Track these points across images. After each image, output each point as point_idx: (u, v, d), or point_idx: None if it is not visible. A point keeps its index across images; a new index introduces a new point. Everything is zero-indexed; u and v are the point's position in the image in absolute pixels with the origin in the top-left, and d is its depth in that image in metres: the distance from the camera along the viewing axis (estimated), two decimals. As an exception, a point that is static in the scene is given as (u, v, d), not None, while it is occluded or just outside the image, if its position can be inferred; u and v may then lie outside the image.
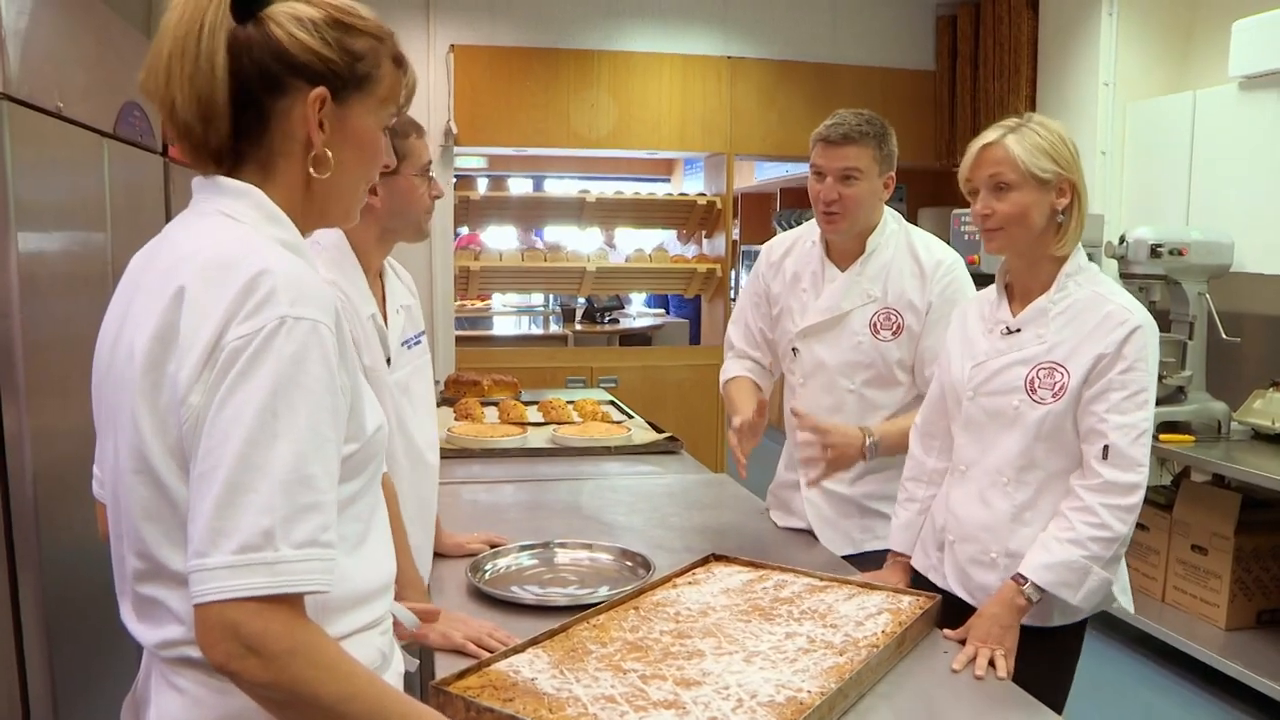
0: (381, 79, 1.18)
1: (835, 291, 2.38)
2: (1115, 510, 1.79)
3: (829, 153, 2.30)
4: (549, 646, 1.64)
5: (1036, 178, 1.86)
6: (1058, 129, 1.90)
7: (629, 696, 1.46)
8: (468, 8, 5.67)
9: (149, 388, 1.04)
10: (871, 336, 2.36)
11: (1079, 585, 1.79)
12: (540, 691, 1.47)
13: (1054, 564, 1.79)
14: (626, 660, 1.59)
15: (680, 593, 1.90)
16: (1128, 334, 1.82)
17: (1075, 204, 1.89)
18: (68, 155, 2.63)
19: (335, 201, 1.20)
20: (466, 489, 2.77)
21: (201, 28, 1.07)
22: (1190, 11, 4.87)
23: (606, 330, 7.13)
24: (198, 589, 0.97)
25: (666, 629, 1.72)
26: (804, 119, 5.96)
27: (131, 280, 1.16)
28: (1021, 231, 1.89)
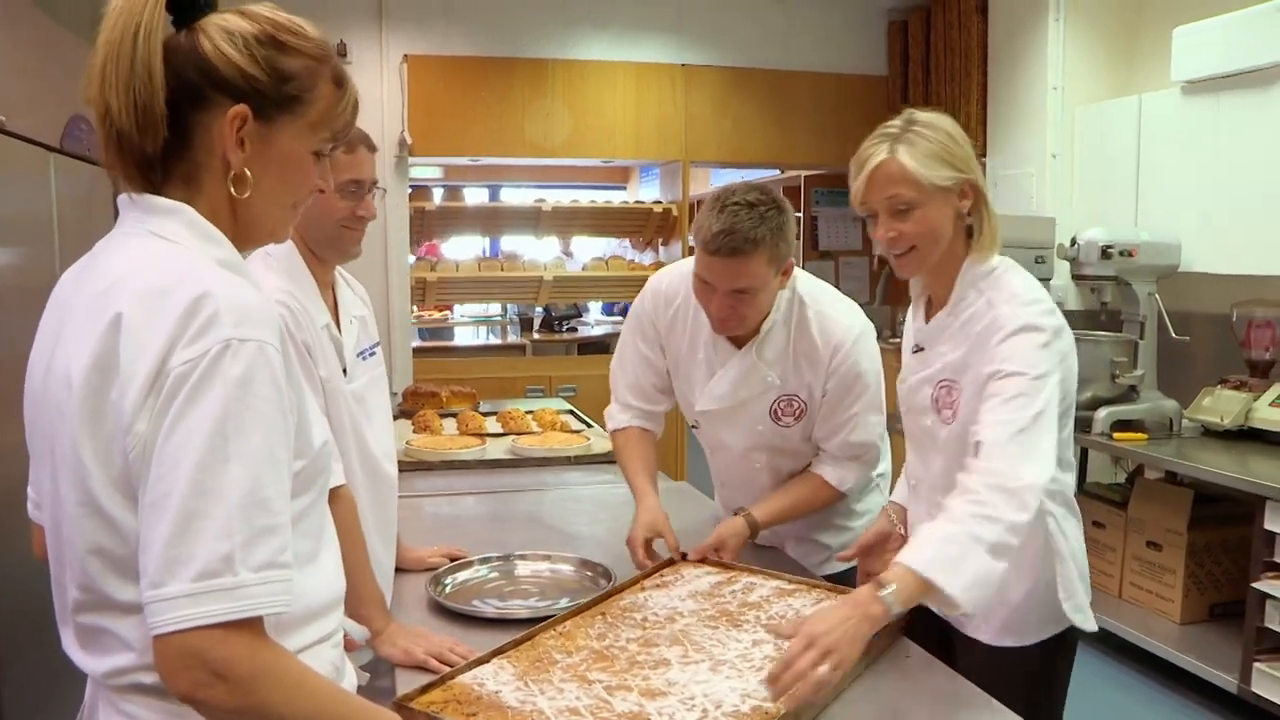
0: (314, 101, 1.14)
1: (731, 378, 2.17)
2: (999, 491, 1.55)
3: (717, 268, 1.98)
4: (514, 657, 1.62)
5: (938, 188, 1.72)
6: (946, 126, 1.75)
7: (593, 709, 1.45)
8: (421, 17, 5.65)
9: (89, 417, 1.02)
10: (772, 423, 2.19)
11: (957, 566, 1.50)
12: (504, 705, 1.46)
13: (926, 542, 1.55)
14: (592, 670, 1.58)
15: (648, 596, 1.89)
16: (1002, 339, 1.68)
17: (980, 204, 1.77)
18: (12, 169, 2.59)
19: (258, 221, 1.16)
20: (427, 502, 2.75)
21: (137, 32, 1.04)
22: (1134, 16, 4.95)
23: (565, 339, 7.13)
24: (157, 619, 0.95)
25: (633, 636, 1.71)
26: (759, 125, 6.01)
27: (60, 303, 1.13)
28: (933, 248, 1.76)
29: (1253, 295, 3.97)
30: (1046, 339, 1.67)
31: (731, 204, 1.96)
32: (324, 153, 1.19)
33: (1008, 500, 1.54)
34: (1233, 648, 3.47)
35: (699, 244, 2.00)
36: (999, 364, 1.66)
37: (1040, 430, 1.61)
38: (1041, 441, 1.61)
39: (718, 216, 1.95)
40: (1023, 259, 4.48)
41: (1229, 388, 3.89)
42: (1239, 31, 3.80)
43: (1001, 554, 1.53)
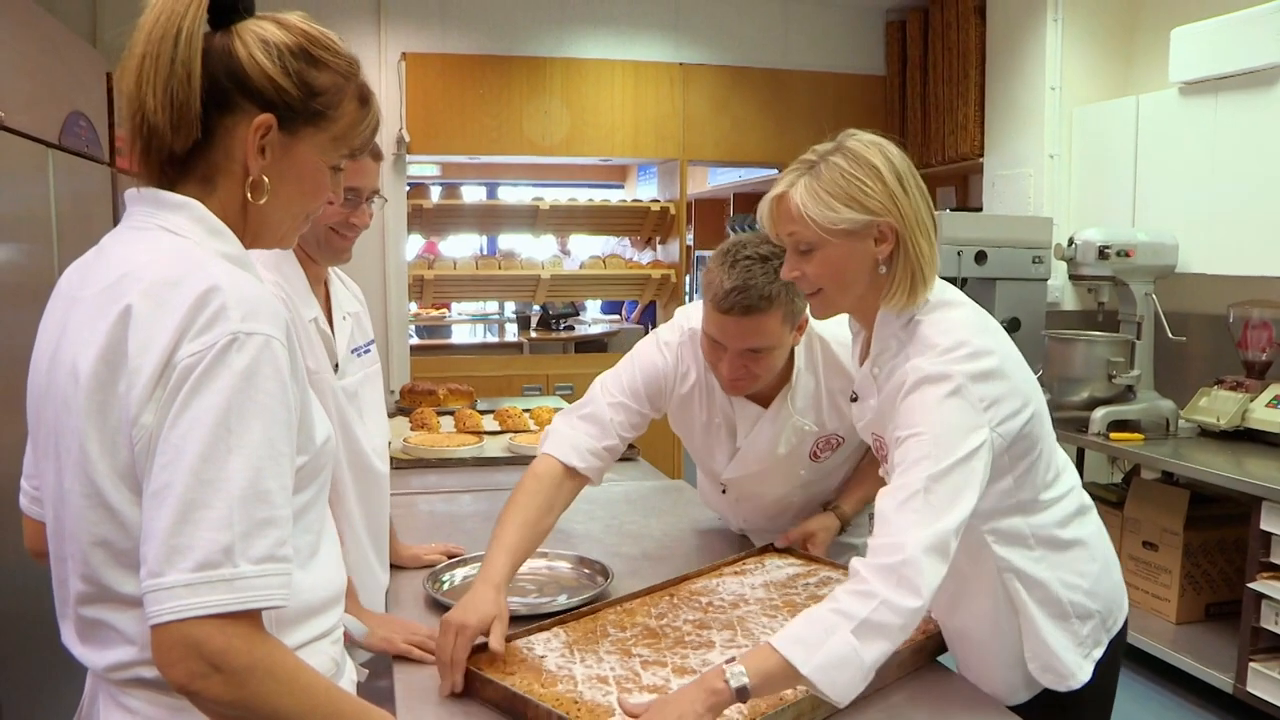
0: (339, 117, 1.16)
1: (766, 438, 2.08)
2: (877, 570, 1.39)
3: (730, 327, 1.87)
4: (572, 627, 1.71)
5: (840, 231, 1.54)
6: (873, 159, 1.55)
7: (621, 679, 1.52)
8: (419, 15, 5.65)
9: (96, 409, 1.02)
10: (813, 464, 2.12)
11: (818, 644, 1.35)
12: (542, 668, 1.55)
13: (796, 621, 1.41)
14: (638, 645, 1.64)
15: (722, 582, 1.93)
16: (902, 398, 1.51)
17: (899, 251, 1.55)
18: (11, 166, 2.59)
19: (268, 228, 1.17)
20: (423, 499, 2.76)
21: (179, 33, 1.05)
22: (1132, 18, 4.96)
23: (562, 337, 7.13)
24: (155, 609, 0.95)
25: (691, 618, 1.76)
26: (757, 124, 6.01)
27: (66, 296, 1.13)
28: (840, 293, 1.61)
29: (1249, 296, 3.98)
30: (953, 387, 1.47)
31: (744, 259, 1.85)
32: (341, 167, 1.20)
33: (885, 578, 1.38)
34: (1228, 647, 3.48)
35: (709, 301, 1.89)
36: (899, 427, 1.50)
37: (938, 493, 1.43)
38: (936, 502, 1.42)
39: (729, 272, 1.85)
40: (1020, 259, 4.56)
41: (1225, 388, 3.90)
42: (1236, 32, 3.81)
43: (874, 634, 1.35)
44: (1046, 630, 1.62)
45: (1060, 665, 1.62)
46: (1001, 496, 1.58)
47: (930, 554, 1.39)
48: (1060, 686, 1.63)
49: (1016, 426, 1.53)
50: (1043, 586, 1.62)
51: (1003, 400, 1.51)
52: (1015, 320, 4.59)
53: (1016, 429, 1.54)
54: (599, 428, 2.00)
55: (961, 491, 1.44)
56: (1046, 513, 1.63)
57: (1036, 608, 1.62)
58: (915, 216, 1.55)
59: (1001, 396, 1.51)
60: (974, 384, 1.48)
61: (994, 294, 4.60)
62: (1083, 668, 1.64)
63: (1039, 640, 1.62)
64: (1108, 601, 1.69)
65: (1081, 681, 1.63)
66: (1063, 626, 1.63)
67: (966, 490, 1.44)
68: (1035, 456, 1.59)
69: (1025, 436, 1.56)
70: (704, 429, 2.14)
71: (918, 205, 1.56)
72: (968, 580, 1.66)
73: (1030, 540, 1.62)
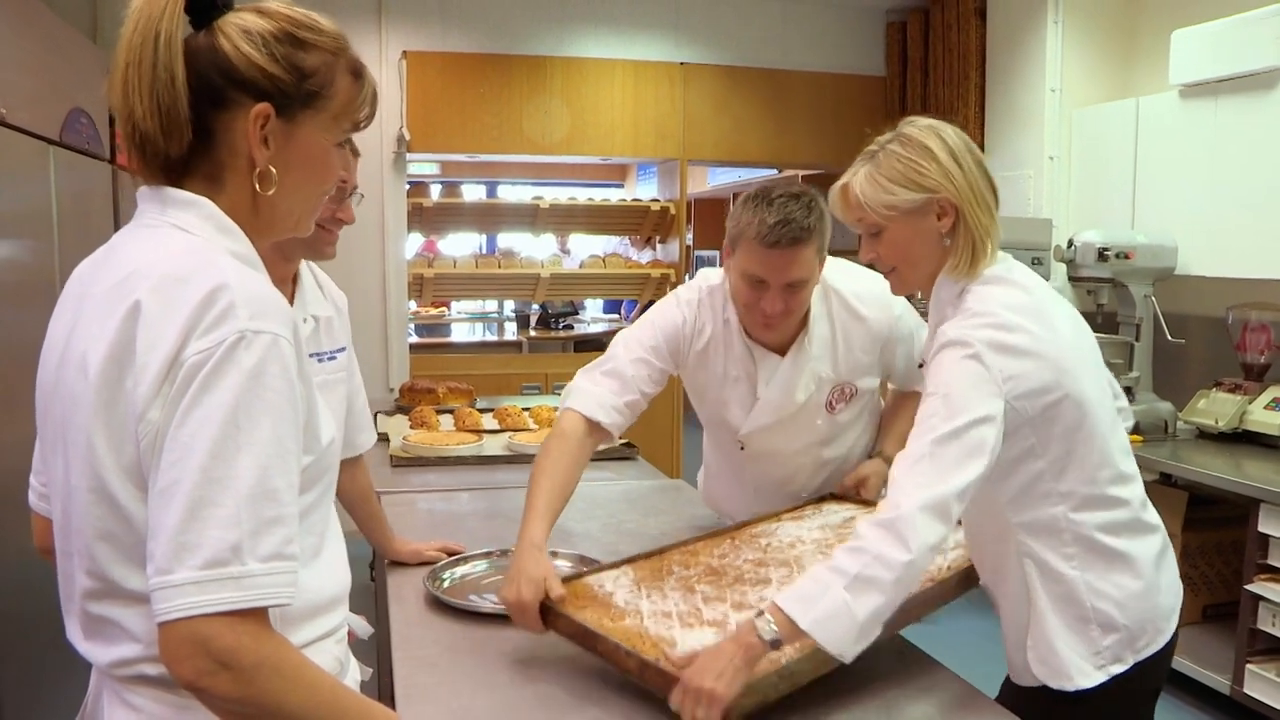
0: (334, 95, 1.15)
1: (782, 384, 2.15)
2: (875, 525, 1.46)
3: (776, 261, 1.96)
4: (640, 566, 1.83)
5: (901, 211, 1.65)
6: (924, 140, 1.65)
7: (684, 614, 1.62)
8: (420, 13, 5.65)
9: (104, 405, 1.02)
10: (829, 415, 2.20)
11: (815, 600, 1.42)
12: (612, 603, 1.66)
13: (801, 579, 1.50)
14: (700, 583, 1.74)
15: (780, 526, 2.02)
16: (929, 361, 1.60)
17: (960, 224, 1.64)
18: (12, 163, 2.59)
19: (281, 216, 1.17)
20: (423, 498, 2.76)
21: (158, 36, 1.05)
22: (1132, 20, 4.97)
23: (561, 336, 7.13)
24: (163, 605, 0.95)
25: (751, 558, 1.86)
26: (757, 125, 6.01)
27: (77, 293, 1.13)
28: (911, 270, 1.71)
29: (1248, 298, 3.99)
30: (970, 352, 1.53)
31: (779, 197, 1.96)
32: (346, 144, 1.20)
33: (881, 534, 1.44)
34: (1225, 649, 3.49)
35: (752, 240, 1.96)
36: (925, 387, 1.57)
37: (943, 456, 1.48)
38: (941, 465, 1.47)
39: (768, 210, 1.94)
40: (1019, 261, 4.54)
41: (1224, 390, 3.91)
42: (1237, 35, 3.82)
43: (865, 588, 1.41)
44: (1053, 626, 1.64)
45: (1059, 663, 1.63)
46: (1034, 480, 1.61)
47: (926, 513, 1.44)
48: (1053, 683, 1.64)
49: (1040, 405, 1.56)
50: (1065, 584, 1.64)
51: (1024, 376, 1.54)
52: (1014, 321, 4.59)
53: (1039, 407, 1.56)
54: (620, 383, 2.07)
55: (967, 457, 1.48)
56: (1092, 513, 1.64)
57: (1050, 602, 1.64)
58: (972, 190, 1.64)
59: (1023, 372, 1.54)
60: (992, 353, 1.53)
61: (993, 295, 4.61)
62: (1085, 673, 1.63)
63: (1042, 633, 1.65)
64: (1140, 622, 1.68)
65: (1080, 686, 1.62)
66: (1078, 630, 1.64)
67: (973, 457, 1.48)
68: (1077, 445, 1.61)
69: (1055, 419, 1.58)
70: (721, 382, 2.20)
71: (975, 180, 1.65)
72: (998, 557, 1.71)
73: (1066, 535, 1.63)
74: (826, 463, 2.29)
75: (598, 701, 1.52)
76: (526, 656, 1.67)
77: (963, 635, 4.34)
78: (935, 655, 1.76)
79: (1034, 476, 1.61)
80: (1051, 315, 1.65)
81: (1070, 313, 1.73)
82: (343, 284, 2.11)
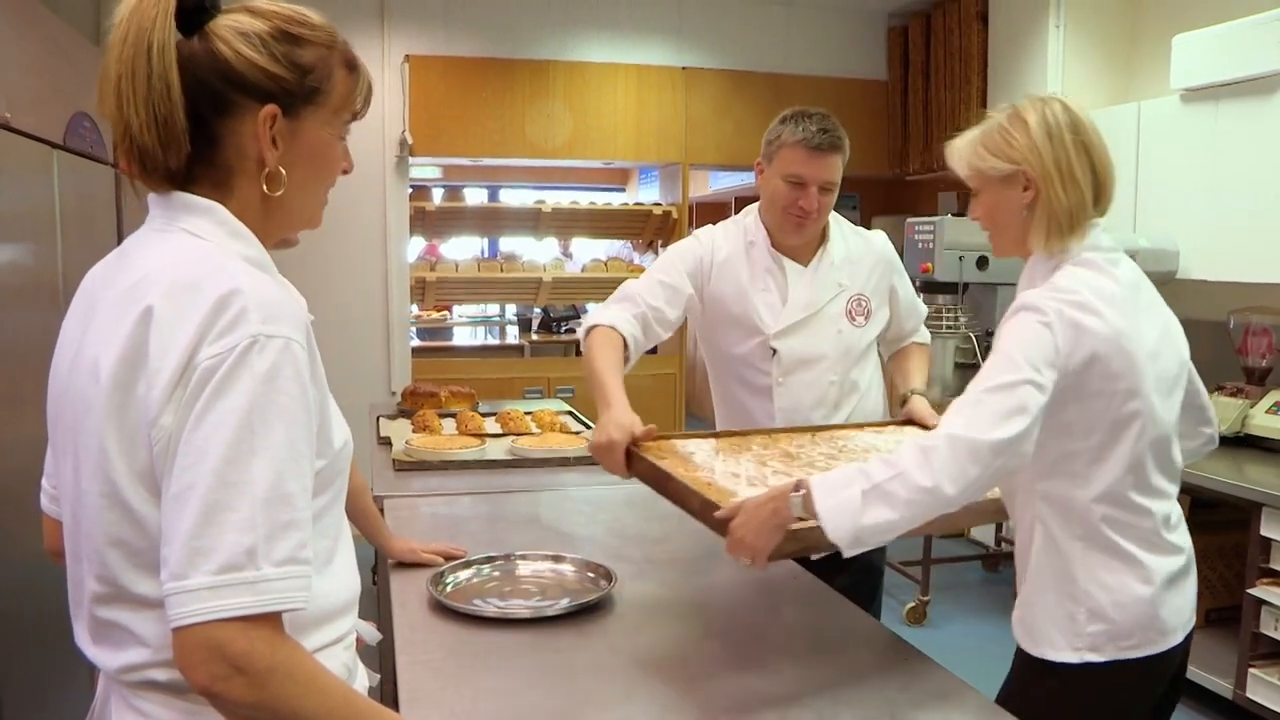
0: (333, 89, 1.16)
1: (809, 286, 2.40)
2: (913, 447, 1.54)
3: (816, 162, 2.28)
4: (723, 440, 2.03)
5: (988, 177, 1.74)
6: (1025, 114, 1.71)
7: (752, 478, 1.77)
8: (423, 18, 5.66)
9: (116, 409, 1.02)
10: (849, 324, 2.42)
11: (836, 490, 1.52)
12: (690, 461, 1.85)
13: (839, 468, 1.62)
14: (773, 461, 1.89)
15: (861, 435, 2.18)
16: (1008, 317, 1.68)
17: (1037, 199, 1.70)
18: (16, 166, 2.59)
19: (292, 214, 1.18)
20: (425, 502, 2.76)
21: (150, 46, 1.03)
22: (1133, 24, 4.97)
23: (563, 340, 7.13)
24: (178, 611, 0.95)
25: (824, 451, 1.99)
26: (759, 129, 5.94)
27: (89, 297, 1.13)
28: (999, 234, 1.80)
29: (1250, 303, 3.98)
30: (1043, 319, 1.60)
31: (813, 113, 2.30)
32: (345, 135, 1.20)
33: (916, 457, 1.52)
34: (1228, 653, 3.49)
35: (798, 145, 2.27)
36: (996, 342, 1.65)
37: (989, 405, 1.54)
38: (986, 413, 1.53)
39: (809, 121, 2.28)
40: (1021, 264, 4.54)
41: (1226, 394, 3.91)
42: (1238, 40, 3.82)
43: (881, 499, 1.50)
44: (1042, 594, 1.72)
45: (1037, 629, 1.72)
46: (1067, 457, 1.67)
47: (960, 451, 1.50)
48: (1026, 645, 1.74)
49: (1093, 390, 1.62)
50: (1065, 561, 1.71)
51: (1086, 357, 1.60)
52: (1016, 325, 4.59)
53: (1091, 392, 1.63)
54: (629, 302, 2.33)
55: (1010, 413, 1.53)
56: (1110, 509, 1.69)
57: (1047, 572, 1.72)
58: (1058, 168, 1.68)
59: (1086, 353, 1.60)
60: (1063, 326, 1.60)
61: (995, 299, 4.62)
62: (1058, 648, 1.70)
63: (1029, 596, 1.74)
64: (1133, 624, 1.70)
65: (1049, 658, 1.70)
66: (1064, 606, 1.70)
67: (1016, 415, 1.53)
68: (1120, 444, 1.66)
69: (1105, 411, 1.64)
70: (749, 291, 2.41)
71: (1065, 158, 1.68)
72: (1020, 509, 1.78)
73: (1080, 518, 1.69)
74: (846, 393, 2.45)
75: (602, 706, 1.52)
76: (530, 662, 1.67)
77: (964, 639, 4.34)
78: (937, 658, 1.76)
79: (1067, 455, 1.67)
80: (1138, 316, 1.70)
81: (1164, 325, 1.78)
82: (345, 287, 2.14)
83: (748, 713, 1.49)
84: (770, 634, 1.86)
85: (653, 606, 1.93)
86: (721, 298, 2.43)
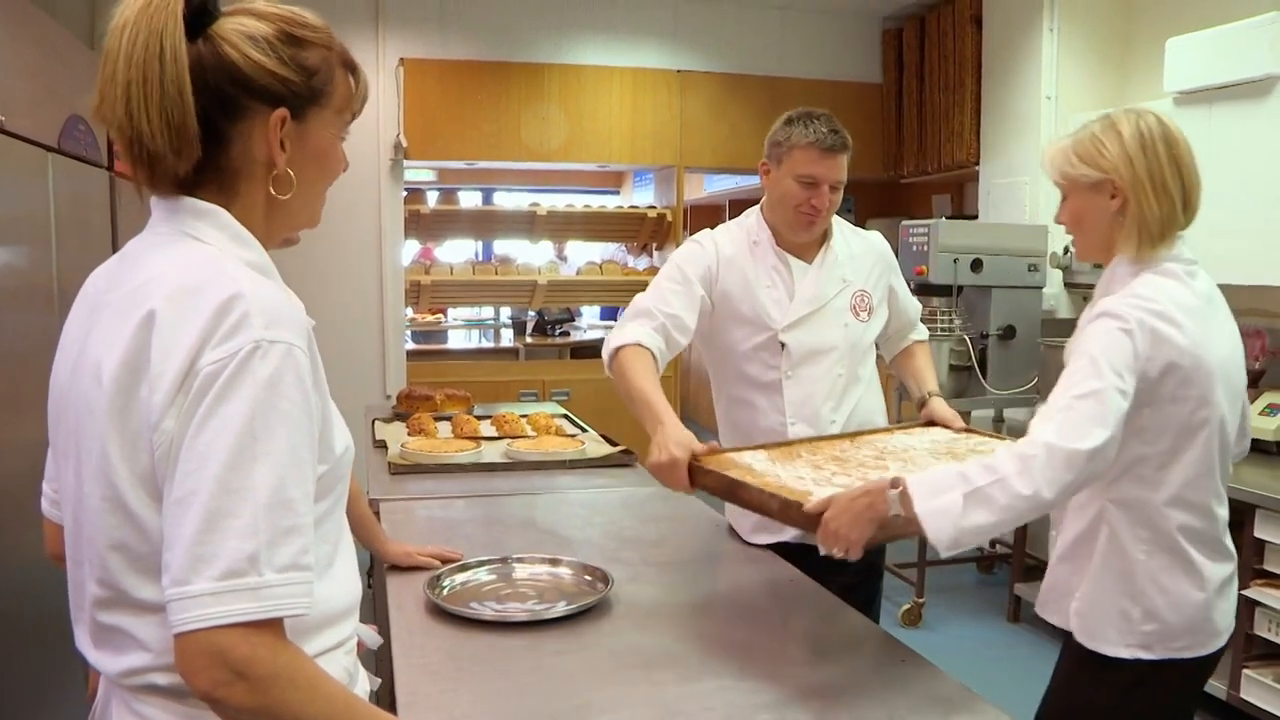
0: (335, 90, 1.16)
1: (815, 281, 2.45)
2: (1011, 455, 1.60)
3: (828, 162, 2.35)
4: (772, 450, 2.07)
5: (1077, 183, 1.83)
6: (1119, 124, 1.79)
7: (817, 480, 1.83)
8: (417, 21, 5.66)
9: (117, 412, 1.02)
10: (854, 318, 2.47)
11: (935, 493, 1.58)
12: (753, 470, 1.89)
13: (935, 469, 1.66)
14: (828, 465, 1.96)
15: (893, 437, 2.26)
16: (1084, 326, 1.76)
17: (1126, 206, 1.78)
18: (11, 169, 2.59)
19: (295, 215, 1.18)
20: (420, 505, 2.76)
21: (163, 51, 1.02)
22: (1127, 27, 4.99)
23: (557, 343, 7.13)
24: (179, 617, 0.95)
25: (870, 454, 2.06)
26: (754, 132, 6.00)
27: (91, 301, 1.13)
28: (1083, 238, 1.88)
29: (1243, 305, 3.97)
30: (1125, 326, 1.68)
31: (818, 114, 2.38)
32: (346, 136, 1.21)
33: (1015, 463, 1.58)
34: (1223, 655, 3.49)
35: (810, 146, 2.33)
36: (1077, 348, 1.72)
37: (1081, 411, 1.62)
38: (1080, 420, 1.61)
39: (817, 122, 2.35)
40: (1016, 267, 4.57)
41: (1219, 397, 3.91)
42: (1231, 43, 3.83)
43: (982, 503, 1.56)
44: (1103, 592, 1.80)
45: (1094, 625, 1.80)
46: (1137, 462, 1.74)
47: (1058, 460, 1.57)
48: (1083, 639, 1.81)
49: (1167, 396, 1.71)
50: (1128, 562, 1.78)
51: (1164, 364, 1.69)
52: (1010, 328, 4.60)
53: (1166, 398, 1.72)
54: (645, 316, 2.30)
55: (1101, 419, 1.61)
56: (1181, 513, 1.78)
57: (1108, 571, 1.80)
58: (1150, 178, 1.76)
59: (1164, 360, 1.69)
60: (1143, 333, 1.68)
61: (989, 302, 4.62)
62: (1112, 644, 1.78)
63: (1089, 593, 1.81)
64: (1186, 626, 1.80)
65: (1103, 650, 1.78)
66: (1122, 605, 1.78)
67: (1105, 421, 1.61)
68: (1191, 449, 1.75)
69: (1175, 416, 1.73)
70: (755, 288, 2.44)
71: (1157, 169, 1.77)
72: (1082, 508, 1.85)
73: (1147, 522, 1.78)
74: (851, 384, 2.48)
75: (601, 710, 1.52)
76: (528, 665, 1.67)
77: (959, 641, 4.35)
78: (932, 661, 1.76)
79: (1138, 459, 1.75)
80: (1211, 327, 1.78)
81: (1233, 337, 1.87)
82: (340, 290, 2.14)
83: (746, 716, 1.50)
84: (769, 637, 1.86)
85: (650, 609, 1.93)
86: (729, 295, 2.45)
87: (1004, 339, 4.62)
